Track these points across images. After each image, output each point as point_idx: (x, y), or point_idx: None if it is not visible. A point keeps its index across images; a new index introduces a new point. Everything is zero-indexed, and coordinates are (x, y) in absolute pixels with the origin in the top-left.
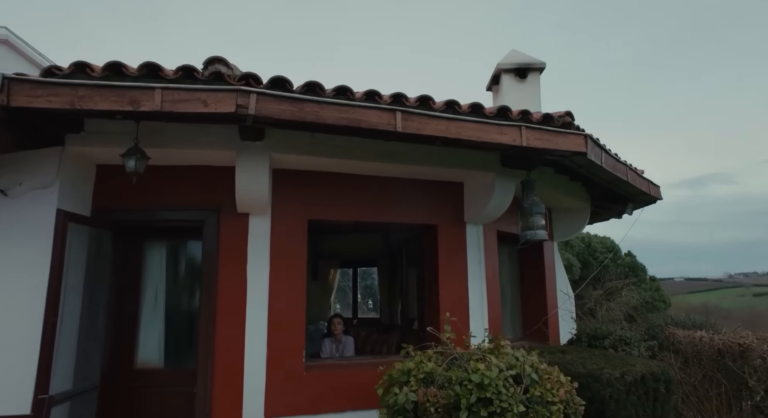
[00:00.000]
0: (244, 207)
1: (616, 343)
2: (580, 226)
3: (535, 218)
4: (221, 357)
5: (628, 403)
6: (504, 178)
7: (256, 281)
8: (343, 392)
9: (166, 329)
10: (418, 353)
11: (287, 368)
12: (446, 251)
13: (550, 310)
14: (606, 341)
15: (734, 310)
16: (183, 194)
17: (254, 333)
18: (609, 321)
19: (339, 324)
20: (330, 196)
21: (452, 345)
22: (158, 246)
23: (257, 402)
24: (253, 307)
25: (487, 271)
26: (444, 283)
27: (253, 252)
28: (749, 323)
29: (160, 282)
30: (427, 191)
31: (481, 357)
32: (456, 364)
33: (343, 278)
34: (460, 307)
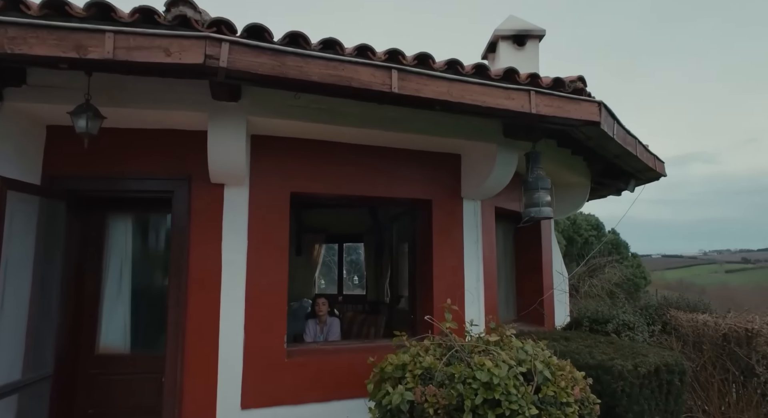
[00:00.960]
0: (219, 177)
1: (619, 328)
2: (579, 203)
3: (540, 193)
4: (193, 343)
5: (641, 397)
6: (506, 149)
7: (232, 259)
8: (329, 380)
9: (132, 310)
10: (413, 343)
11: (267, 355)
12: (441, 228)
13: (546, 291)
14: (609, 326)
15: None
16: (149, 162)
17: (230, 317)
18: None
19: (323, 305)
20: (315, 166)
21: (453, 336)
22: (123, 220)
23: (233, 392)
24: (228, 288)
25: (484, 250)
26: (438, 262)
27: (228, 227)
28: (723, 298)
29: (125, 259)
30: (421, 163)
31: (485, 350)
32: (457, 357)
33: (328, 253)
34: (455, 288)
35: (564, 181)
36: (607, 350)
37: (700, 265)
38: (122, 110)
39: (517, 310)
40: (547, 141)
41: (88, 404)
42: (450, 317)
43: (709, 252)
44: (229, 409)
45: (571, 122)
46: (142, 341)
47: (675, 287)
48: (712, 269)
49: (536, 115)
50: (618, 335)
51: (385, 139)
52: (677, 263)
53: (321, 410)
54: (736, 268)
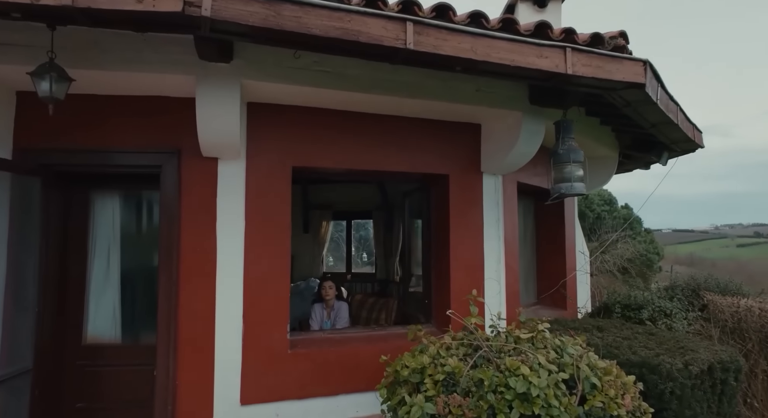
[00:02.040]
0: (211, 150)
1: (655, 315)
2: (605, 179)
3: (572, 167)
4: (186, 334)
5: (693, 400)
6: (532, 118)
7: (228, 241)
8: (336, 373)
9: (123, 296)
10: (432, 339)
11: (268, 345)
12: (458, 206)
13: (569, 272)
14: (643, 313)
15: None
16: (134, 133)
17: (227, 304)
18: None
19: (330, 289)
20: (319, 138)
21: (480, 333)
22: (109, 197)
23: (232, 386)
24: (224, 273)
25: (506, 230)
26: (455, 243)
27: (223, 205)
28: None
29: (113, 241)
30: (437, 135)
31: (515, 349)
32: (484, 357)
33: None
34: (473, 272)
35: (590, 154)
36: (650, 344)
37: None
38: (100, 74)
39: (537, 293)
40: (577, 109)
41: (76, 398)
42: (476, 311)
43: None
44: (228, 404)
45: (611, 85)
46: (135, 330)
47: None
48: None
49: (572, 76)
50: (654, 323)
51: (397, 107)
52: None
53: (328, 405)
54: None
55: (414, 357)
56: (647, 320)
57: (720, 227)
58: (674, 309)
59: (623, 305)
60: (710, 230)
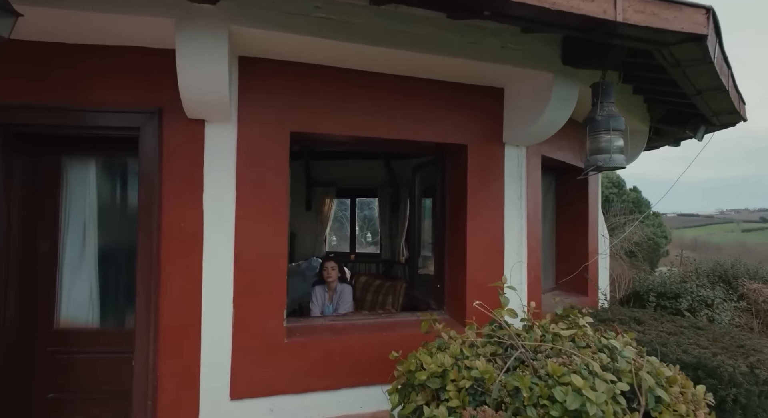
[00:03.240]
0: (196, 110)
1: (694, 305)
2: (633, 155)
3: (611, 136)
4: (168, 319)
5: (759, 409)
6: (565, 81)
7: (216, 216)
8: (338, 364)
9: (101, 275)
10: (453, 334)
11: (262, 334)
12: (477, 181)
13: (591, 256)
14: (682, 302)
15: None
16: (108, 89)
17: (215, 286)
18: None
19: (333, 270)
20: (321, 99)
21: (512, 329)
22: (84, 164)
23: (220, 379)
24: (212, 251)
25: (528, 208)
26: (473, 222)
27: (211, 174)
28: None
29: (89, 213)
30: (454, 99)
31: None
32: (518, 358)
33: (340, 209)
34: (493, 254)
35: None
36: (701, 341)
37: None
38: (65, 14)
39: (556, 277)
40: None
41: (46, 388)
42: (507, 302)
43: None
44: (216, 399)
45: (665, 38)
46: (116, 313)
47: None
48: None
49: (621, 25)
50: (693, 314)
51: (410, 66)
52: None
53: (328, 400)
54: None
55: (432, 356)
56: (685, 311)
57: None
58: (716, 299)
59: (658, 293)
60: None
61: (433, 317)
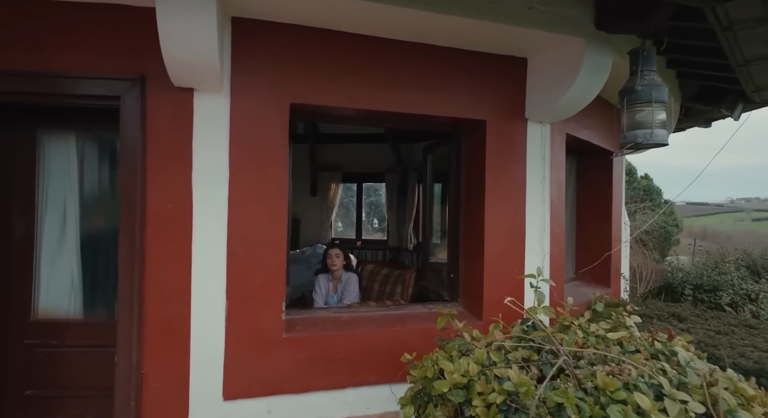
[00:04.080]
0: (183, 76)
1: (736, 299)
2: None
3: (653, 109)
4: (154, 311)
5: None
6: (598, 48)
7: (207, 197)
8: (342, 361)
9: (84, 261)
10: (476, 334)
11: (259, 327)
12: (497, 160)
13: (614, 244)
14: (722, 296)
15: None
16: (84, 52)
17: (206, 275)
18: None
19: (338, 258)
20: (325, 68)
21: (549, 330)
22: (64, 139)
23: (212, 377)
24: (203, 236)
25: (551, 191)
26: (491, 206)
27: (202, 150)
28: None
29: (70, 193)
30: (472, 70)
31: (599, 355)
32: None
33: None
34: (512, 242)
35: None
36: (757, 342)
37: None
38: None
39: (576, 266)
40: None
41: (23, 384)
42: (544, 299)
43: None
44: (207, 399)
45: None
46: (100, 303)
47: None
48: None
49: None
50: (735, 310)
51: (423, 31)
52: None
53: (332, 400)
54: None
55: (453, 360)
56: (726, 306)
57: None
58: (761, 292)
59: (694, 285)
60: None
61: (451, 311)
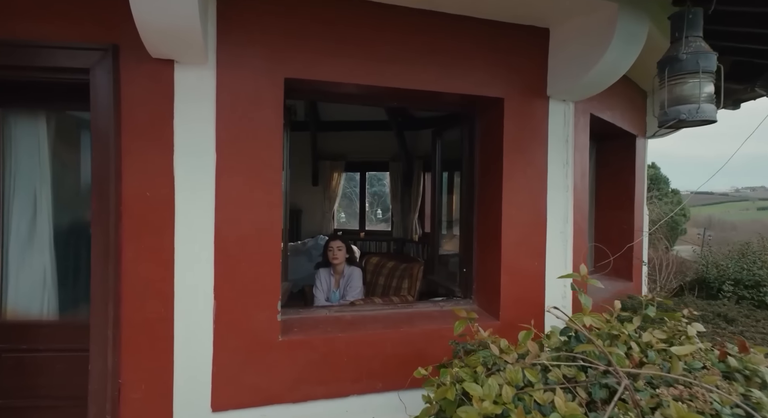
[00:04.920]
0: (159, 44)
1: None
2: None
3: (701, 81)
4: (133, 313)
5: None
6: (631, 14)
7: (191, 184)
8: (346, 366)
9: (58, 258)
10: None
11: (251, 330)
12: (515, 143)
13: (636, 235)
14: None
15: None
16: (49, 17)
17: (190, 273)
18: None
19: (340, 251)
20: (324, 39)
21: (600, 343)
22: (33, 118)
23: (199, 386)
24: (187, 229)
25: (575, 178)
26: (509, 194)
27: (184, 131)
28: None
29: (41, 181)
30: (488, 42)
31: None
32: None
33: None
34: (532, 233)
35: None
36: None
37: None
38: None
39: (595, 259)
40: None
41: None
42: (590, 304)
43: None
44: (194, 410)
45: None
46: (77, 303)
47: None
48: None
49: None
50: None
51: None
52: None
53: (333, 409)
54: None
55: (478, 379)
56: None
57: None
58: None
59: (735, 280)
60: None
61: (470, 315)
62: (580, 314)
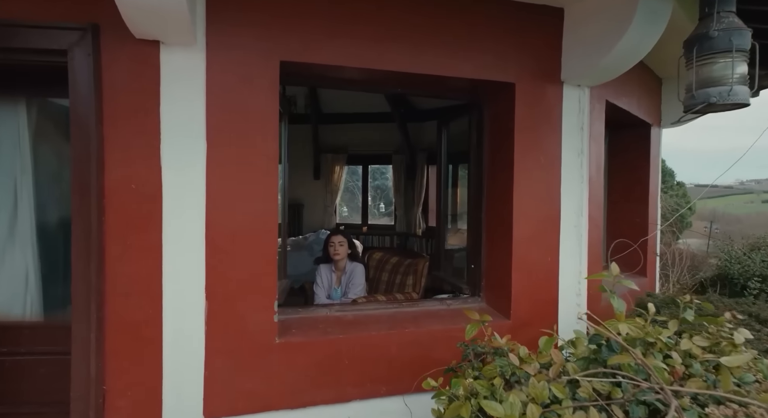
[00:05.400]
0: (143, 24)
1: None
2: None
3: (733, 60)
4: (118, 314)
5: None
6: None
7: (179, 174)
8: (348, 370)
9: (41, 253)
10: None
11: (246, 332)
12: (527, 131)
13: (651, 228)
14: None
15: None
16: None
17: (179, 271)
18: None
19: (341, 246)
20: (323, 19)
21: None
22: (12, 105)
23: (190, 392)
24: (175, 223)
25: (590, 168)
26: (521, 186)
27: (171, 118)
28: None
29: (22, 173)
30: (497, 22)
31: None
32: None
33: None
34: (546, 227)
35: None
36: None
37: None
38: None
39: (607, 253)
40: None
41: None
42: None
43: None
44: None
45: None
46: (63, 303)
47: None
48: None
49: None
50: None
51: None
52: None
53: (334, 416)
54: None
55: (496, 393)
56: None
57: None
58: None
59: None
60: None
61: (484, 317)
62: (614, 321)
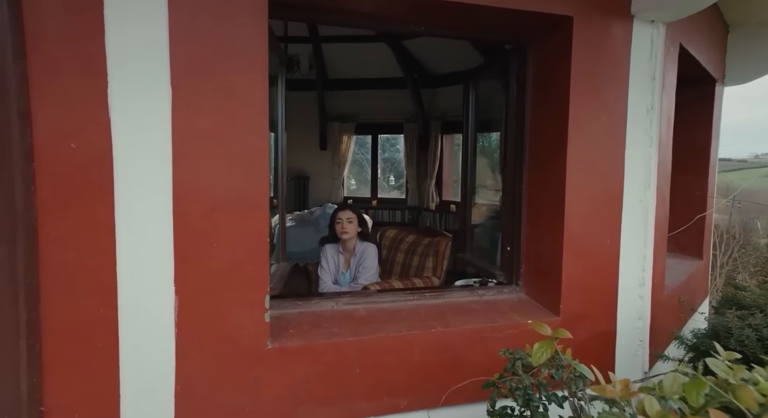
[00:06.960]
0: None
1: None
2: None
3: None
4: (57, 315)
5: None
6: None
7: (135, 130)
8: (358, 380)
9: None
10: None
11: (228, 335)
12: (585, 82)
13: (709, 203)
14: None
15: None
16: None
17: (139, 257)
18: None
19: (350, 223)
20: None
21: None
22: None
23: (157, 412)
24: (131, 194)
25: (661, 129)
26: (575, 152)
27: (122, 53)
28: None
29: None
30: None
31: None
32: None
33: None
34: (606, 204)
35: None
36: None
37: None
38: None
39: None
40: None
41: None
42: None
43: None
44: None
45: None
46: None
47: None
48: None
49: None
50: None
51: None
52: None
53: None
54: None
55: None
56: None
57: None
58: None
59: None
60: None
61: (560, 333)
62: None
